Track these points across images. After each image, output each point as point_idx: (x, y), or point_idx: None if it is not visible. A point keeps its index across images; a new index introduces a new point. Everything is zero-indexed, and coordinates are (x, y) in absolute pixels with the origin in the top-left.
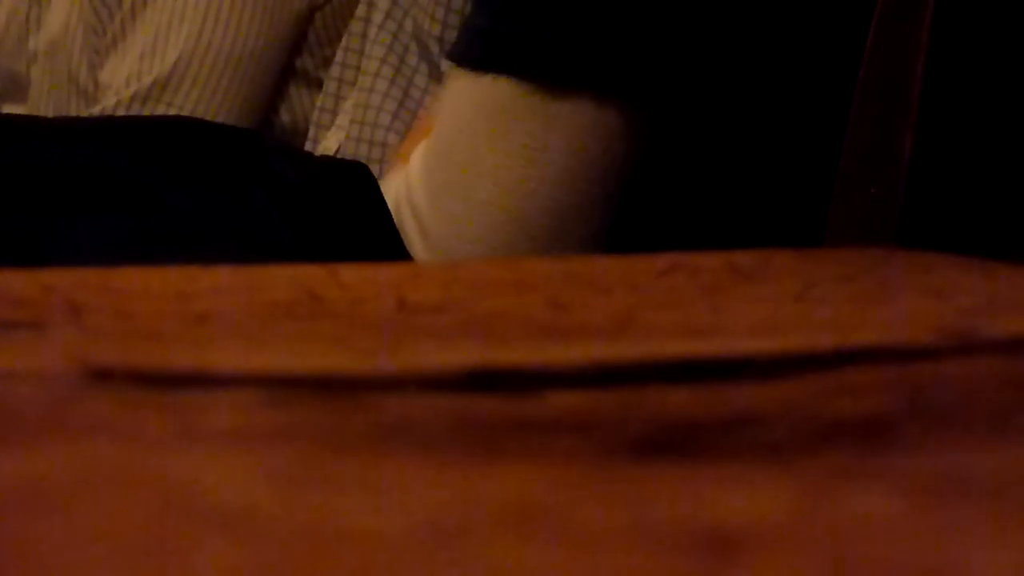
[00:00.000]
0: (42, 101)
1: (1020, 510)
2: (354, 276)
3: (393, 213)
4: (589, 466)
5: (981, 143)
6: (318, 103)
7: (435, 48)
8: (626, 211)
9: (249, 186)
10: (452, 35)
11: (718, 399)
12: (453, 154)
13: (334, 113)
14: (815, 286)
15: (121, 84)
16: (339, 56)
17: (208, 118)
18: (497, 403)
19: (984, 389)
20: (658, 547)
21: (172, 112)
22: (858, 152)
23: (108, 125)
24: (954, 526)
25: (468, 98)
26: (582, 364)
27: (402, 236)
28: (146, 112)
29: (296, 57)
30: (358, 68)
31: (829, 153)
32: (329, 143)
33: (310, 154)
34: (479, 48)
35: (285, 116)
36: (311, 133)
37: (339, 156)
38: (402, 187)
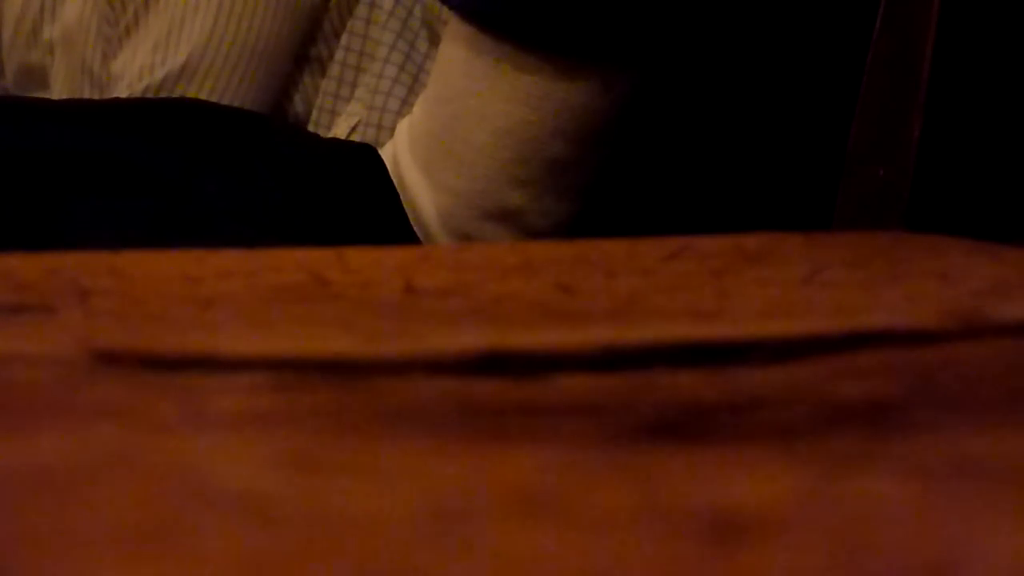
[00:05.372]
0: (58, 93)
1: None
2: (362, 259)
3: (390, 165)
4: (596, 450)
5: (991, 126)
6: (322, 88)
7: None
8: (634, 192)
9: (257, 168)
10: None
11: (725, 383)
12: (455, 98)
13: (336, 97)
14: (823, 270)
15: (134, 76)
16: (344, 40)
17: None
18: (504, 387)
19: (992, 373)
20: (665, 530)
21: None
22: (866, 134)
23: (115, 107)
24: (961, 509)
25: (472, 46)
26: (589, 347)
27: (400, 187)
28: None
29: (311, 46)
30: (361, 53)
31: (837, 135)
32: (339, 129)
33: (318, 137)
34: (482, 1)
35: (299, 105)
36: (314, 116)
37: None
38: (402, 136)
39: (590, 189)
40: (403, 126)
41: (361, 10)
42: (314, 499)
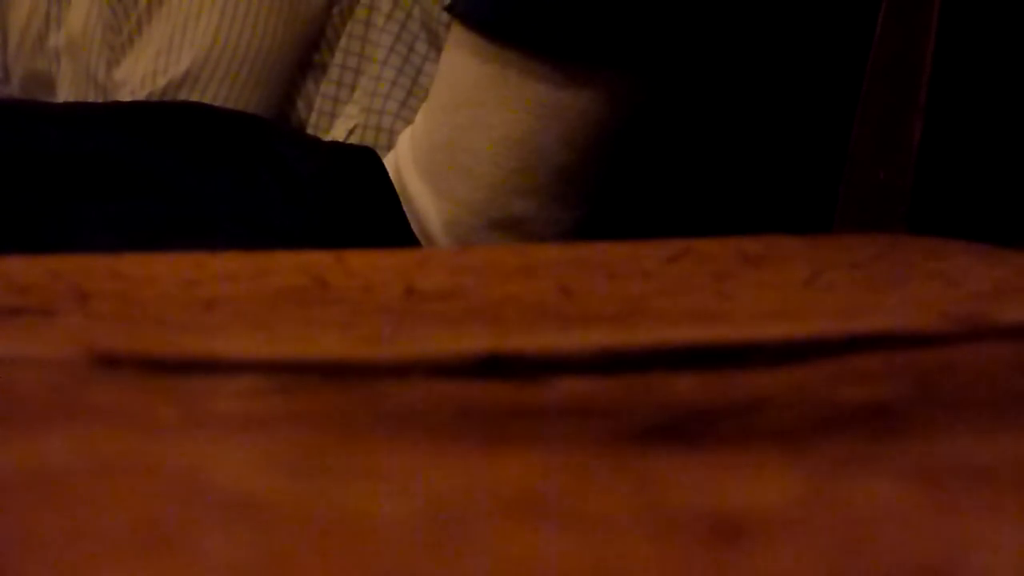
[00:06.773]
0: (63, 99)
1: None
2: (362, 262)
3: (393, 175)
4: (596, 453)
5: (992, 128)
6: (321, 90)
7: (444, 35)
8: (635, 195)
9: (257, 171)
10: None
11: (726, 385)
12: (459, 108)
13: (335, 100)
14: (824, 272)
15: (137, 83)
16: (343, 43)
17: None
18: (504, 390)
19: (993, 375)
20: (665, 533)
21: None
22: (867, 136)
23: (116, 111)
24: (962, 512)
25: (476, 54)
26: (590, 350)
27: (404, 198)
28: None
29: (313, 52)
30: (360, 56)
31: (838, 137)
32: (337, 132)
33: (318, 139)
34: (488, 9)
35: (302, 111)
36: (313, 119)
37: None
38: (404, 145)
39: (595, 196)
40: (405, 136)
41: (360, 13)
42: (314, 502)
